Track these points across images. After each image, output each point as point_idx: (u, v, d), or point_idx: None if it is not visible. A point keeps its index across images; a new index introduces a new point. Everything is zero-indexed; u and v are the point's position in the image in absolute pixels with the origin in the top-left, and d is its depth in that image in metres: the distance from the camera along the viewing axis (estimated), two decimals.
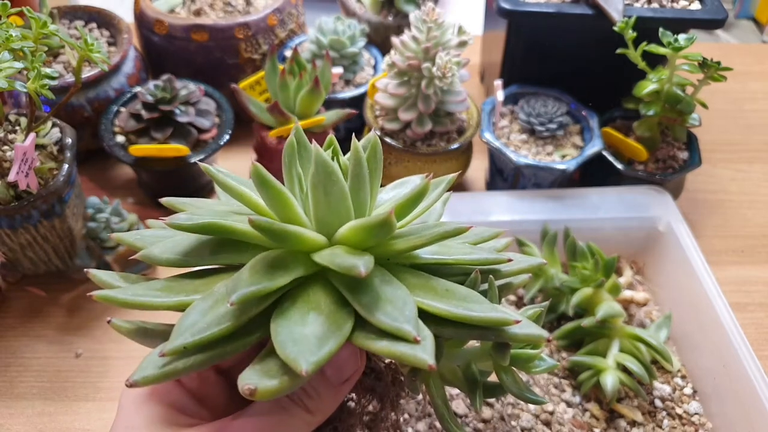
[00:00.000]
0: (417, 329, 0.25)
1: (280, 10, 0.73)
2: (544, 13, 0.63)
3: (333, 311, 0.27)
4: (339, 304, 0.27)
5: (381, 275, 0.28)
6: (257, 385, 0.24)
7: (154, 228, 0.34)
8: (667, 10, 0.65)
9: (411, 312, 0.26)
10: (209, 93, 0.68)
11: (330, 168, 0.28)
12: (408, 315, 0.26)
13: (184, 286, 0.30)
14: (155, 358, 0.27)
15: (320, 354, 0.24)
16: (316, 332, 0.26)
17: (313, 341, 0.25)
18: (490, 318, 0.27)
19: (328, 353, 0.25)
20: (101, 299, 0.29)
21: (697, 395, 0.53)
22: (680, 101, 0.59)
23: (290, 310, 0.27)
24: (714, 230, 0.68)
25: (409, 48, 0.60)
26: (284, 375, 0.25)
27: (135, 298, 0.28)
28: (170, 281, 0.30)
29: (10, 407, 0.52)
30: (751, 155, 0.78)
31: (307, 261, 0.28)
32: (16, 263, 0.58)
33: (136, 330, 0.30)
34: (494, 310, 0.27)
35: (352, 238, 0.28)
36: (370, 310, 0.26)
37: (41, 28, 0.46)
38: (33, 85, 0.45)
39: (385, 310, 0.26)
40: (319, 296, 0.28)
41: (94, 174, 0.72)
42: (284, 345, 0.25)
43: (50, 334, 0.57)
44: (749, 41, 1.68)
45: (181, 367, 0.26)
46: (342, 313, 0.27)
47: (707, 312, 0.52)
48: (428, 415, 0.50)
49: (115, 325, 0.30)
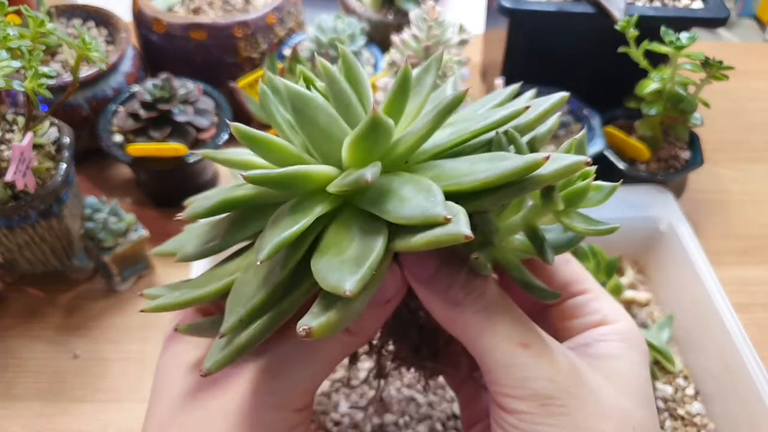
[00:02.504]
0: (446, 209, 0.24)
1: (280, 8, 0.73)
2: (545, 11, 0.63)
3: (365, 231, 0.26)
4: (370, 224, 0.26)
5: (400, 179, 0.27)
6: (311, 324, 0.24)
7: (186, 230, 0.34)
8: (669, 9, 0.64)
9: (437, 197, 0.24)
10: (208, 92, 0.68)
11: (306, 96, 0.26)
12: (434, 200, 0.24)
13: (224, 270, 0.30)
14: (219, 342, 0.26)
15: (361, 272, 0.24)
16: (352, 255, 0.25)
17: (350, 263, 0.24)
18: (515, 169, 0.24)
19: (369, 268, 0.24)
20: (153, 311, 0.29)
21: (699, 396, 0.52)
22: (682, 100, 0.59)
23: (325, 246, 0.26)
24: (716, 230, 0.68)
25: (410, 46, 0.59)
26: (334, 307, 0.24)
27: (182, 297, 0.28)
28: (209, 272, 0.30)
29: (8, 408, 0.51)
30: (753, 155, 0.77)
31: (327, 197, 0.27)
32: (13, 263, 0.57)
33: (193, 327, 0.31)
34: (518, 159, 0.25)
35: (356, 156, 0.27)
36: (398, 212, 0.25)
37: (39, 26, 0.46)
38: (30, 84, 0.45)
39: (412, 206, 0.25)
40: (348, 224, 0.27)
41: (91, 174, 0.71)
42: (325, 277, 0.24)
43: (48, 334, 0.57)
44: (751, 40, 1.68)
45: (245, 339, 0.26)
46: (374, 230, 0.26)
47: (709, 312, 0.52)
48: (428, 417, 0.49)
49: (182, 328, 0.30)
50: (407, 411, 0.49)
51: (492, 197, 0.26)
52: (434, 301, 0.28)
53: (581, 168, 0.25)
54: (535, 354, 0.26)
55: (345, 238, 0.26)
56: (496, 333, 0.27)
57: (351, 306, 0.24)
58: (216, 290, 0.28)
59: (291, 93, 0.26)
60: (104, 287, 0.60)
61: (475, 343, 0.27)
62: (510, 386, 0.26)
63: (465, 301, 0.27)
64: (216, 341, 0.27)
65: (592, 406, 0.26)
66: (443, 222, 0.23)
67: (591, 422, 0.25)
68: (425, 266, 0.28)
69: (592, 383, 0.27)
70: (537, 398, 0.25)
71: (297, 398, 0.29)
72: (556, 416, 0.25)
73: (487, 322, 0.27)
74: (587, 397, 0.26)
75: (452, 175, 0.26)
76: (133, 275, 0.60)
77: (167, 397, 0.30)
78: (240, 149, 0.32)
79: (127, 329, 0.57)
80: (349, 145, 0.27)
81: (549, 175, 0.25)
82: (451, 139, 0.28)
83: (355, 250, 0.25)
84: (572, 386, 0.26)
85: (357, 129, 0.26)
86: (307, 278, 0.26)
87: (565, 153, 0.27)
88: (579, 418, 0.25)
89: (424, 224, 0.24)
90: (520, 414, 0.26)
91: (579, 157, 0.25)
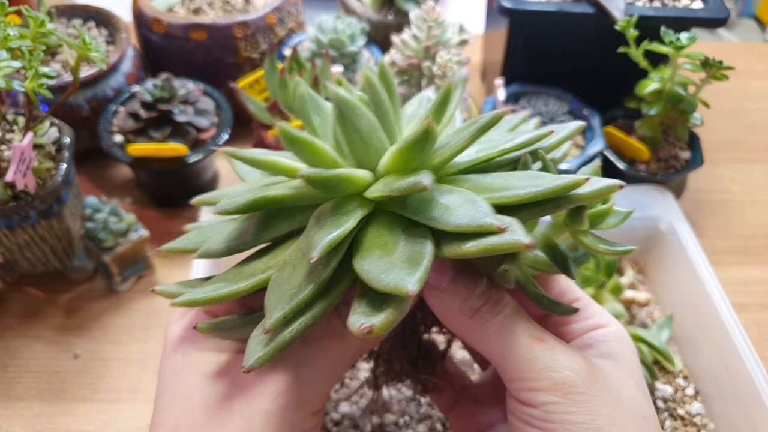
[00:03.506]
0: (498, 220, 0.25)
1: (280, 8, 0.73)
2: (545, 11, 0.63)
3: (411, 236, 0.27)
4: (412, 229, 0.27)
5: (438, 189, 0.28)
6: (372, 323, 0.24)
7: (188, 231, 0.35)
8: (669, 9, 0.64)
9: (484, 207, 0.26)
10: (208, 92, 0.68)
11: (351, 103, 0.27)
12: (483, 210, 0.25)
13: (254, 268, 0.30)
14: (261, 338, 0.27)
15: (420, 270, 0.24)
16: (402, 257, 0.26)
17: (404, 265, 0.25)
18: (561, 185, 0.26)
19: (425, 270, 0.25)
20: (184, 304, 0.29)
21: (699, 396, 0.53)
22: (682, 100, 0.59)
23: (367, 247, 0.27)
24: (716, 230, 0.68)
25: (410, 47, 0.59)
26: (390, 306, 0.25)
27: (215, 292, 0.28)
28: (234, 270, 0.31)
29: (8, 408, 0.51)
30: (753, 155, 0.77)
31: (362, 201, 0.28)
32: (14, 263, 0.57)
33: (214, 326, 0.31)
34: (560, 179, 0.26)
35: (397, 163, 0.28)
36: (446, 220, 0.26)
37: (39, 27, 0.46)
38: (31, 84, 0.45)
39: (459, 214, 0.26)
40: (389, 228, 0.28)
41: (92, 174, 0.71)
42: (378, 278, 0.25)
43: (48, 334, 0.57)
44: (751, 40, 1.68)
45: (288, 336, 0.26)
46: (420, 235, 0.27)
47: (709, 312, 0.52)
48: (428, 417, 0.49)
49: (200, 327, 0.30)
50: (407, 411, 0.49)
51: (529, 212, 0.27)
52: (451, 309, 0.29)
53: (615, 191, 0.27)
54: (553, 347, 0.28)
55: (389, 241, 0.27)
56: (516, 333, 0.28)
57: (405, 304, 0.25)
58: (251, 286, 0.29)
59: (338, 98, 0.27)
60: (104, 287, 0.60)
61: (494, 346, 0.28)
62: (533, 379, 0.27)
63: (484, 309, 0.29)
64: (255, 338, 0.27)
65: (608, 394, 0.27)
66: (497, 231, 0.25)
67: (609, 410, 0.27)
68: (442, 276, 0.29)
69: (604, 374, 0.28)
70: (560, 387, 0.27)
71: (314, 400, 0.29)
72: (580, 404, 0.26)
73: (507, 326, 0.28)
74: (602, 385, 0.27)
75: (490, 189, 0.28)
76: (133, 275, 0.60)
77: (185, 405, 0.29)
78: (258, 150, 0.32)
79: (127, 329, 0.57)
80: (395, 153, 0.28)
81: (586, 195, 0.27)
82: (480, 156, 0.30)
83: (404, 252, 0.26)
84: (589, 376, 0.27)
85: (409, 137, 0.27)
86: (345, 277, 0.27)
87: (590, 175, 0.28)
88: (600, 405, 0.27)
89: (475, 233, 0.25)
90: (545, 405, 0.27)
91: (614, 181, 0.27)
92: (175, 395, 0.30)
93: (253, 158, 0.30)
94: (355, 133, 0.28)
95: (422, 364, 0.37)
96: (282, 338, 0.26)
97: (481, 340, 0.29)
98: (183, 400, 0.29)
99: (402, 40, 0.60)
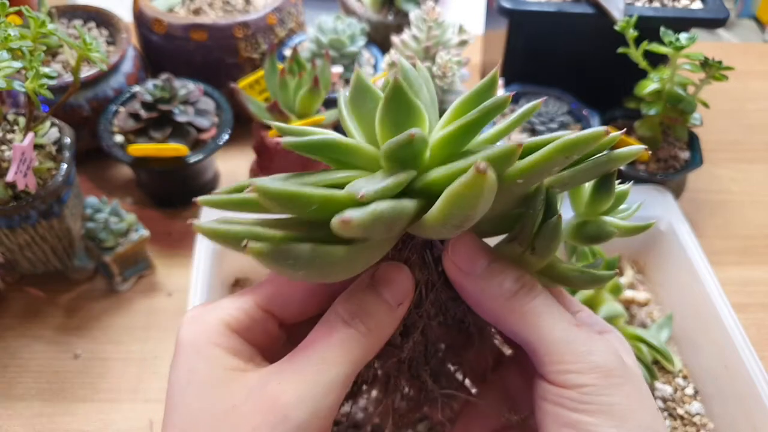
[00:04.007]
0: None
1: (280, 9, 0.73)
2: (545, 12, 0.63)
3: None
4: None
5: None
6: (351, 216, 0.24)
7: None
8: (668, 9, 0.65)
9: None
10: (208, 92, 0.68)
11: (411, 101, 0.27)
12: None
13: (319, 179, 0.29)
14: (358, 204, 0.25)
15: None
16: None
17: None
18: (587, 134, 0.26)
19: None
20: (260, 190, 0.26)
21: (698, 396, 0.53)
22: (682, 101, 0.59)
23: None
24: (715, 230, 0.68)
25: (410, 47, 0.59)
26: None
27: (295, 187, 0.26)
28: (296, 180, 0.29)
29: (9, 408, 0.52)
30: (752, 155, 0.77)
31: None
32: (14, 263, 0.57)
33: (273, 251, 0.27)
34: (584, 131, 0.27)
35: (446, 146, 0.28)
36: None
37: (40, 27, 0.46)
38: (31, 84, 0.45)
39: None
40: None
41: (92, 174, 0.71)
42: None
43: (49, 334, 0.57)
44: (751, 40, 1.68)
45: (381, 209, 0.25)
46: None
47: (709, 312, 0.52)
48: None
49: (252, 248, 0.26)
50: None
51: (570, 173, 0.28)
52: (487, 293, 0.29)
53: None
54: (589, 332, 0.29)
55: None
56: (554, 316, 0.29)
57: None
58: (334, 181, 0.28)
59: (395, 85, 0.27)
60: (105, 287, 0.60)
61: (533, 329, 0.29)
62: (572, 362, 0.28)
63: (521, 293, 0.29)
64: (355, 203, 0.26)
65: (634, 381, 0.28)
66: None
67: (637, 395, 0.28)
68: (476, 261, 0.29)
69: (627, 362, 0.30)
70: (599, 370, 0.27)
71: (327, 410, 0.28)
72: (617, 386, 0.27)
73: (545, 308, 0.29)
74: (631, 373, 0.28)
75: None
76: (133, 275, 0.60)
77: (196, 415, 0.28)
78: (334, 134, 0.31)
79: (127, 329, 0.57)
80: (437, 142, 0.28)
81: (622, 155, 0.28)
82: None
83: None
84: (623, 362, 0.28)
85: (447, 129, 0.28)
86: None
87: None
88: (631, 390, 0.28)
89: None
90: (583, 387, 0.27)
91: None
92: (186, 405, 0.29)
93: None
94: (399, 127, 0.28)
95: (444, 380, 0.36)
96: (376, 208, 0.25)
97: (518, 324, 0.29)
98: (193, 410, 0.28)
99: (402, 41, 0.60)
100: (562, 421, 0.27)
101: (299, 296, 0.32)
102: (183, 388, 0.29)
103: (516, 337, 0.30)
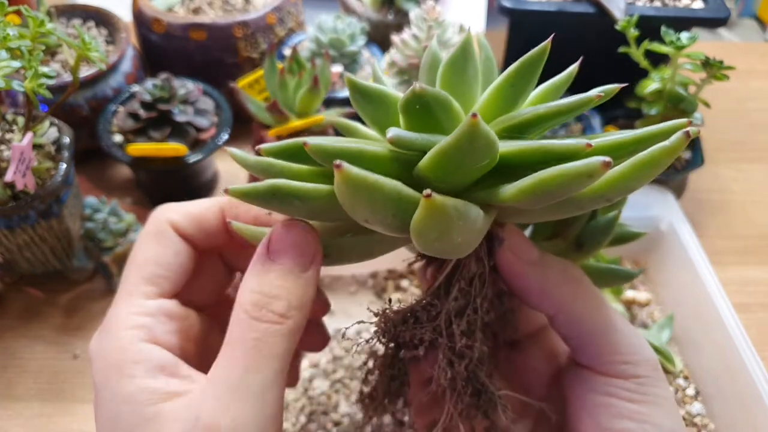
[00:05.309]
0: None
1: (279, 8, 0.73)
2: (545, 11, 0.63)
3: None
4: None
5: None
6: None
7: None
8: (669, 9, 0.64)
9: None
10: (208, 92, 0.68)
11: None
12: None
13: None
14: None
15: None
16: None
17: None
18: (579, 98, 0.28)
19: None
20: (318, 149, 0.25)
21: (699, 396, 0.52)
22: (683, 100, 0.59)
23: None
24: (717, 230, 0.68)
25: (410, 46, 0.59)
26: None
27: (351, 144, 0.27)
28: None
29: (8, 409, 0.51)
30: (754, 155, 0.77)
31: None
32: (13, 264, 0.57)
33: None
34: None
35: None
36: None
37: (38, 26, 0.46)
38: (30, 84, 0.45)
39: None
40: None
41: (91, 174, 0.71)
42: None
43: (48, 335, 0.57)
44: (752, 40, 1.68)
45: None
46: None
47: (710, 313, 0.52)
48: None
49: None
50: (407, 411, 0.49)
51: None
52: (551, 280, 0.29)
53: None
54: (636, 329, 0.30)
55: None
56: (612, 308, 0.30)
57: None
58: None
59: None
60: (104, 287, 0.60)
61: (598, 318, 0.29)
62: (628, 353, 0.29)
63: (586, 280, 0.30)
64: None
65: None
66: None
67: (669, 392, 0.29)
68: (533, 251, 0.30)
69: None
70: (650, 363, 0.29)
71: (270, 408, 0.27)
72: (664, 380, 0.29)
73: (603, 298, 0.30)
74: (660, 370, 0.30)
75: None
76: None
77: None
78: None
79: None
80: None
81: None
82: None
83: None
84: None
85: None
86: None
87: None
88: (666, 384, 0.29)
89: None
90: (639, 378, 0.28)
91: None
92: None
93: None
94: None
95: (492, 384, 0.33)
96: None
97: (584, 310, 0.29)
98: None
99: (402, 40, 0.60)
100: (615, 411, 0.28)
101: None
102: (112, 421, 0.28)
103: (574, 325, 0.30)
